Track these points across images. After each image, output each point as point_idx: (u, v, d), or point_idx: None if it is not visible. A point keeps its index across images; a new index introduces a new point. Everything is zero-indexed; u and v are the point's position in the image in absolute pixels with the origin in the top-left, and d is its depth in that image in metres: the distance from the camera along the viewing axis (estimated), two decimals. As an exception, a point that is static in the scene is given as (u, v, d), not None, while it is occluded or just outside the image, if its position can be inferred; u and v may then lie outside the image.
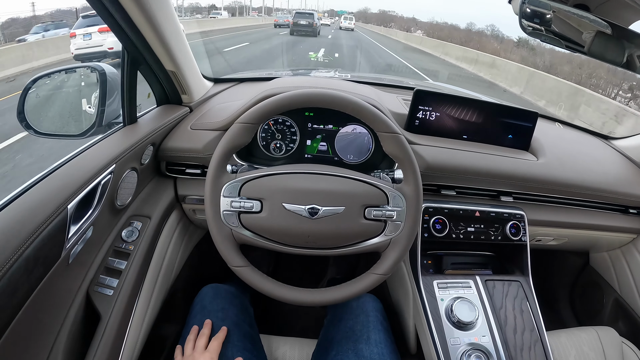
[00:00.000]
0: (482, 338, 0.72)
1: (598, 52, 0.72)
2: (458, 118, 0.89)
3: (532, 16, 0.73)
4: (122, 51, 0.71)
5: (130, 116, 0.76)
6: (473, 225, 0.85)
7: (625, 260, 1.05)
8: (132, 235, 0.71)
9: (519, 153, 0.90)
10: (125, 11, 0.62)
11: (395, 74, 8.77)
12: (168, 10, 0.70)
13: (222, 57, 8.58)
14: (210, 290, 0.76)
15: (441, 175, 0.83)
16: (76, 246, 0.58)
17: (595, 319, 1.14)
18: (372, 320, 0.71)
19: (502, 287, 0.81)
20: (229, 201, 0.60)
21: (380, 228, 0.61)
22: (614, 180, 0.93)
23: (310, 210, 0.59)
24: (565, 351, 0.82)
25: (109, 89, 0.74)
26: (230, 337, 0.67)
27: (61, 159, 0.62)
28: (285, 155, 0.88)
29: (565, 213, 0.94)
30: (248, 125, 0.61)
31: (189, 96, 0.91)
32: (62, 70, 0.79)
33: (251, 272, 0.60)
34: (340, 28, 27.62)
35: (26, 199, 0.51)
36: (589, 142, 1.13)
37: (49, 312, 0.54)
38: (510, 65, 9.98)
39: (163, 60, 0.76)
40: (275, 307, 1.21)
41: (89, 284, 0.63)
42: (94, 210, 0.61)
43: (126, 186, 0.70)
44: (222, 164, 0.61)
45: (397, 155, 0.62)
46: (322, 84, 1.00)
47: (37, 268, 0.49)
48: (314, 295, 0.61)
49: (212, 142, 0.78)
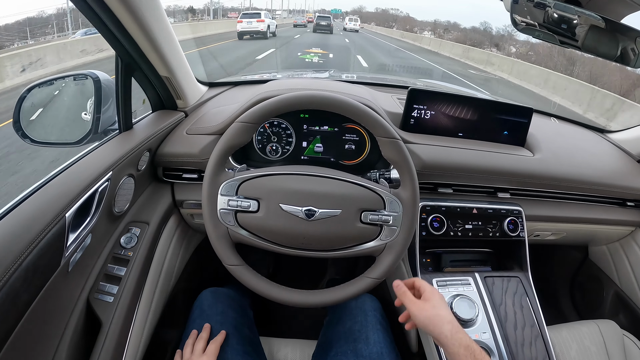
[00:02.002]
0: (482, 335, 0.72)
1: (592, 46, 0.72)
2: (453, 116, 0.89)
3: (524, 12, 0.74)
4: (116, 58, 0.71)
5: (126, 123, 0.76)
6: (471, 222, 0.85)
7: (624, 253, 1.05)
8: (130, 242, 0.71)
9: (514, 149, 0.90)
10: (118, 19, 0.62)
11: (390, 74, 8.71)
12: (160, 16, 0.70)
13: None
14: (210, 295, 0.76)
15: (438, 173, 0.83)
16: (75, 254, 0.58)
17: (595, 313, 1.14)
18: (370, 320, 0.72)
19: (502, 284, 0.81)
20: (226, 200, 0.60)
21: (376, 232, 0.62)
22: (611, 174, 0.93)
23: (307, 212, 0.59)
24: (567, 345, 0.82)
25: (104, 96, 0.74)
26: (229, 341, 0.68)
27: (57, 168, 0.62)
28: (282, 157, 0.88)
29: (562, 208, 0.94)
30: (248, 125, 0.61)
31: (184, 101, 0.91)
32: (57, 79, 0.79)
33: (245, 272, 0.60)
34: (344, 29, 26.77)
35: (24, 209, 0.51)
36: (585, 136, 1.14)
37: (50, 321, 0.54)
38: (565, 81, 8.44)
39: (157, 66, 0.77)
40: (275, 309, 1.21)
41: (89, 291, 0.63)
42: (92, 217, 0.61)
43: (123, 193, 0.70)
44: (220, 162, 0.61)
45: (396, 160, 0.63)
46: (316, 85, 1.00)
47: (36, 277, 0.49)
48: (308, 297, 0.61)
49: (208, 147, 0.79)
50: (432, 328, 0.54)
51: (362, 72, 8.05)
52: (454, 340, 0.51)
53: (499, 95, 5.41)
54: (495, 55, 13.78)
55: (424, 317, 0.55)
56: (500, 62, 12.13)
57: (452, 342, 0.51)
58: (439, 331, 0.53)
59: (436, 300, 0.57)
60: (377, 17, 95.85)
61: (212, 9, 36.43)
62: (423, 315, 0.55)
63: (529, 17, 0.73)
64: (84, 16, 0.60)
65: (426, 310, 0.55)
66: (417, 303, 0.57)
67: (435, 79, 7.11)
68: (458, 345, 0.50)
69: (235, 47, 11.03)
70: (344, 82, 1.09)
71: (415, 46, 19.39)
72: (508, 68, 11.25)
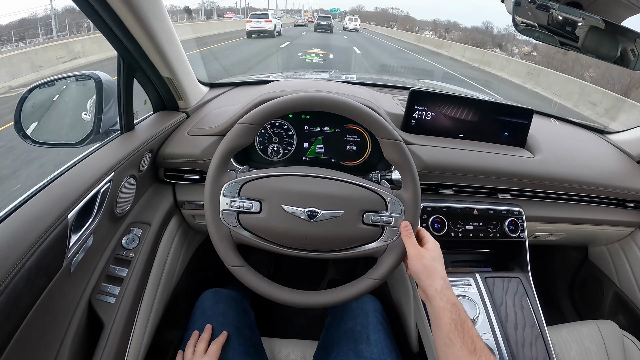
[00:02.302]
0: (483, 335, 0.72)
1: (592, 48, 0.72)
2: (454, 117, 0.89)
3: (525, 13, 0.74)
4: (118, 59, 0.71)
5: (127, 123, 0.76)
6: (471, 223, 0.85)
7: (624, 254, 1.06)
8: (132, 243, 0.71)
9: (515, 150, 0.90)
10: (120, 19, 0.62)
11: (391, 74, 8.67)
12: (162, 17, 0.70)
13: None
14: (211, 295, 0.76)
15: (438, 174, 0.84)
16: (77, 255, 0.58)
17: (595, 313, 1.15)
18: (371, 321, 0.72)
19: (502, 284, 0.82)
20: (228, 201, 0.60)
21: (377, 233, 0.62)
22: (611, 175, 0.94)
23: (309, 213, 0.59)
24: (567, 346, 0.83)
25: (106, 97, 0.74)
26: (231, 342, 0.68)
27: (59, 169, 0.62)
28: (283, 158, 0.88)
29: (563, 208, 0.95)
30: (250, 126, 0.61)
31: (185, 102, 0.91)
32: (59, 79, 0.79)
33: (247, 273, 0.60)
34: (344, 29, 26.60)
35: (26, 210, 0.52)
36: (585, 137, 1.14)
37: (52, 322, 0.54)
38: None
39: (159, 67, 0.77)
40: (276, 309, 1.22)
41: (91, 292, 0.63)
42: (94, 218, 0.61)
43: (125, 194, 0.70)
44: (223, 163, 0.61)
45: (397, 162, 0.63)
46: (317, 86, 1.00)
47: (39, 278, 0.49)
48: (310, 298, 0.61)
49: (209, 148, 0.79)
50: (425, 277, 0.54)
51: (363, 72, 8.04)
52: (442, 295, 0.51)
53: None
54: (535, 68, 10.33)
55: (420, 265, 0.55)
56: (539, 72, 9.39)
57: (440, 296, 0.51)
58: (430, 282, 0.53)
59: (436, 253, 0.57)
60: (376, 16, 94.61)
61: (203, 9, 36.16)
62: (420, 263, 0.55)
63: (530, 18, 0.74)
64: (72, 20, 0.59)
65: (425, 259, 0.55)
66: (418, 248, 0.57)
67: (436, 80, 7.02)
68: (446, 300, 0.51)
69: (246, 43, 12.50)
70: (345, 83, 1.09)
71: (421, 48, 18.17)
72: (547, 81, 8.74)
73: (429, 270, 0.54)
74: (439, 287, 0.52)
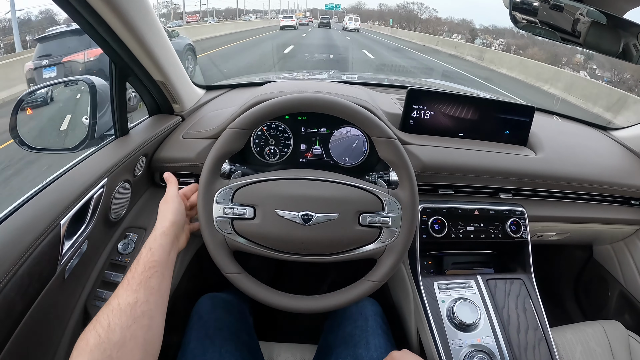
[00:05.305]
0: (484, 339, 0.71)
1: (594, 43, 0.71)
2: (453, 116, 0.88)
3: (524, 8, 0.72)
4: (110, 64, 0.71)
5: (122, 128, 0.75)
6: (472, 224, 0.84)
7: (629, 252, 1.04)
8: (128, 248, 0.70)
9: (516, 149, 0.89)
10: (108, 25, 0.61)
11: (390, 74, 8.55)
12: (151, 21, 0.69)
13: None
14: (208, 300, 0.76)
15: (438, 174, 0.82)
16: (71, 261, 0.58)
17: (601, 313, 1.13)
18: (371, 325, 0.71)
19: (504, 286, 0.80)
20: (222, 208, 0.59)
21: (375, 234, 0.61)
22: (615, 172, 0.92)
23: (303, 216, 0.58)
24: (571, 348, 0.81)
25: (100, 102, 0.74)
26: (227, 347, 0.67)
27: (53, 175, 0.62)
28: (280, 160, 0.87)
29: (566, 207, 0.93)
30: (240, 130, 0.60)
31: (180, 105, 0.90)
32: (53, 85, 0.79)
33: (245, 280, 0.60)
34: (344, 29, 25.77)
35: (18, 217, 0.51)
36: (588, 134, 1.12)
37: (46, 329, 0.54)
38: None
39: (151, 71, 0.76)
40: (275, 314, 1.21)
41: (87, 298, 0.63)
42: (87, 224, 0.61)
43: (120, 199, 0.70)
44: (214, 170, 0.61)
45: (392, 160, 0.61)
46: (313, 86, 0.99)
47: (32, 285, 0.49)
48: (309, 303, 0.60)
49: (204, 151, 0.78)
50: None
51: (362, 72, 7.98)
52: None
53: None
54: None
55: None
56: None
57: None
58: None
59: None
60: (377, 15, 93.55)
61: (183, 12, 35.27)
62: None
63: (530, 14, 0.72)
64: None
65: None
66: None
67: (436, 78, 6.86)
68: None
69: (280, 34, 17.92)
70: (342, 83, 1.08)
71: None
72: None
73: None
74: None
